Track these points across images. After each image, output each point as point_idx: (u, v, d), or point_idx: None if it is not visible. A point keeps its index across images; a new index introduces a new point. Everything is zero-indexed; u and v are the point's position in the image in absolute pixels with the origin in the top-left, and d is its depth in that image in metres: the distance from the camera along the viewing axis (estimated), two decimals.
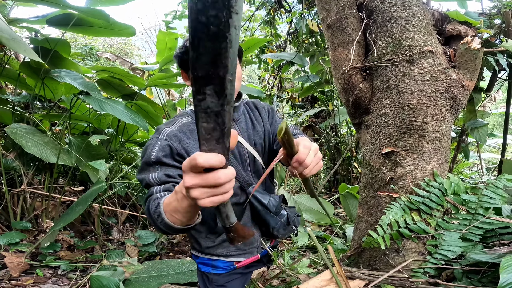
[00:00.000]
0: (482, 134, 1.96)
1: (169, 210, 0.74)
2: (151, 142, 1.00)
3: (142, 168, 0.98)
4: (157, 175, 0.95)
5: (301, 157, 0.72)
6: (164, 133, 1.02)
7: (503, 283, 0.86)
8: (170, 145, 0.99)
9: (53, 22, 2.23)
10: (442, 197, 1.28)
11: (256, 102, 1.28)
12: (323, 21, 1.68)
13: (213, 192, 0.54)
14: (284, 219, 1.16)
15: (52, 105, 2.64)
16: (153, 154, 0.97)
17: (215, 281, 1.14)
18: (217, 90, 0.42)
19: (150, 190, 0.92)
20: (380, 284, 1.22)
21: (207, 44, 0.38)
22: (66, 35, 7.19)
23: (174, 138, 1.01)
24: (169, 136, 1.01)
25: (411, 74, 1.34)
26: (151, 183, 0.94)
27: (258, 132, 1.18)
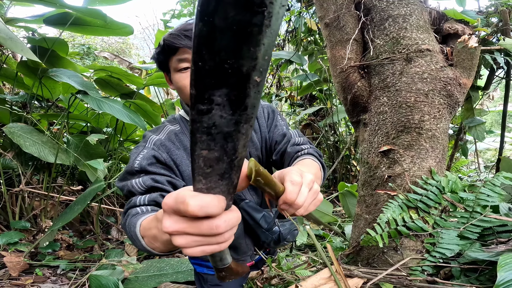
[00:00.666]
0: (480, 132, 1.97)
1: (148, 236, 0.61)
2: (136, 151, 0.89)
3: (124, 177, 0.86)
4: (141, 180, 0.81)
5: (289, 198, 0.51)
6: (151, 141, 0.91)
7: (501, 281, 0.86)
8: (157, 156, 0.87)
9: (50, 22, 2.22)
10: (439, 195, 1.28)
11: None
12: (321, 19, 1.68)
13: (206, 241, 0.41)
14: (275, 236, 1.06)
15: (50, 105, 2.64)
16: (136, 163, 0.84)
17: (210, 280, 1.12)
18: (233, 97, 0.26)
19: (131, 200, 0.78)
20: (378, 282, 1.23)
21: (230, 11, 0.22)
22: (64, 35, 7.16)
23: (162, 148, 0.91)
24: (156, 145, 0.90)
25: (408, 72, 1.35)
26: (134, 189, 0.80)
27: (254, 143, 1.05)
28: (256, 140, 1.06)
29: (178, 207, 0.37)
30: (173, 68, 0.89)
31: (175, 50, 0.87)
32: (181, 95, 0.94)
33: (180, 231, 0.39)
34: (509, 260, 0.92)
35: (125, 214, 0.77)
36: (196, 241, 0.40)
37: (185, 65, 0.87)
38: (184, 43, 0.85)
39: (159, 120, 2.70)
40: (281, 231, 1.07)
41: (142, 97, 2.73)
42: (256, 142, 1.06)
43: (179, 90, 0.91)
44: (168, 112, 3.22)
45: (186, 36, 0.85)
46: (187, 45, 0.85)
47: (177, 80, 0.89)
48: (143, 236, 0.63)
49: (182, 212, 0.37)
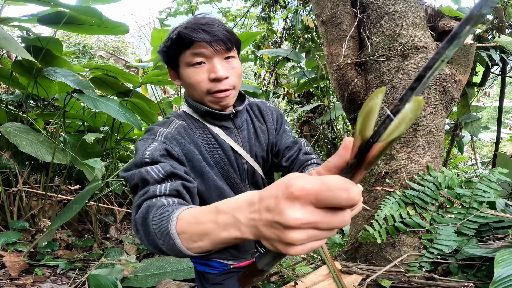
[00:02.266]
0: (476, 128, 1.98)
1: (192, 232, 0.51)
2: (143, 143, 0.81)
3: (130, 169, 0.76)
4: (160, 165, 0.73)
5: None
6: (160, 135, 0.84)
7: (498, 278, 0.86)
8: (169, 149, 0.80)
9: (44, 21, 2.20)
10: (436, 191, 1.29)
11: (260, 105, 1.07)
12: (317, 17, 1.68)
13: (323, 235, 0.37)
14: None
15: (46, 104, 2.63)
16: (147, 153, 0.75)
17: (211, 279, 1.11)
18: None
19: (148, 189, 0.68)
20: (377, 279, 1.24)
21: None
22: (58, 34, 7.10)
23: (174, 142, 0.84)
24: (167, 139, 0.83)
25: (404, 69, 1.35)
26: (150, 176, 0.70)
27: (261, 143, 1.02)
28: (263, 141, 1.04)
29: (330, 195, 0.33)
30: (185, 62, 0.85)
31: (189, 44, 0.82)
32: (191, 91, 0.90)
33: (311, 223, 0.34)
34: (506, 256, 0.92)
35: (139, 206, 0.66)
36: (314, 236, 0.36)
37: (200, 59, 0.83)
38: (202, 36, 0.81)
39: (156, 119, 2.70)
40: None
41: (138, 96, 2.73)
42: (263, 143, 1.03)
43: (190, 85, 0.87)
44: (166, 110, 3.21)
45: (204, 30, 0.81)
46: (205, 39, 0.81)
47: (189, 75, 0.85)
48: (181, 232, 0.53)
49: (334, 201, 0.33)
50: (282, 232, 0.36)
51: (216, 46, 0.82)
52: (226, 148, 0.95)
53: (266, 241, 0.40)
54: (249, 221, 0.41)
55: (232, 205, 0.45)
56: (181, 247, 0.53)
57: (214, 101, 0.88)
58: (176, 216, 0.55)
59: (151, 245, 0.59)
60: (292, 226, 0.34)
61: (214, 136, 0.94)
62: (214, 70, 0.83)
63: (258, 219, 0.40)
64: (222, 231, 0.46)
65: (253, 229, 0.41)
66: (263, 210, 0.39)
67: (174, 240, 0.53)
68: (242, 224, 0.42)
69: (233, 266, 1.09)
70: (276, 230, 0.37)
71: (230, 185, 0.97)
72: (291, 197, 0.34)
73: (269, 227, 0.38)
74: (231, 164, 0.96)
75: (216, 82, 0.84)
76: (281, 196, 0.36)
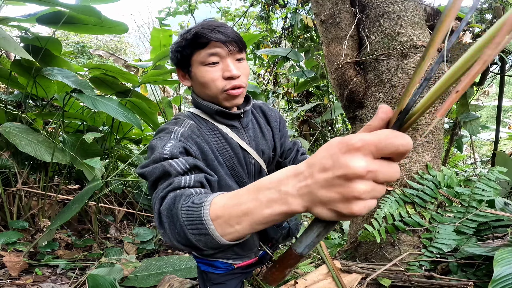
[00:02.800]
0: (475, 126, 1.99)
1: (227, 215, 0.50)
2: (159, 141, 0.81)
3: (148, 164, 0.75)
4: (183, 159, 0.73)
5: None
6: (176, 133, 0.85)
7: (497, 276, 0.86)
8: (187, 148, 0.80)
9: (43, 20, 2.20)
10: (435, 190, 1.29)
11: (264, 108, 1.13)
12: (316, 16, 1.68)
13: (379, 190, 0.38)
14: (285, 232, 1.07)
15: (45, 104, 2.62)
16: (166, 150, 0.75)
17: (214, 279, 1.13)
18: None
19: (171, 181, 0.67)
20: (377, 278, 1.24)
21: None
22: (57, 33, 7.09)
23: (191, 140, 0.86)
24: (184, 137, 0.84)
25: (403, 68, 1.35)
26: (173, 168, 0.69)
27: (267, 142, 1.07)
28: (269, 139, 1.08)
29: (389, 143, 0.35)
30: (199, 62, 0.89)
31: (205, 44, 0.86)
32: (204, 89, 0.92)
33: (373, 172, 0.36)
34: (505, 255, 0.92)
35: (163, 198, 0.64)
36: (374, 190, 0.37)
37: (215, 59, 0.87)
38: (218, 37, 0.85)
39: (156, 118, 2.69)
40: (290, 226, 1.08)
41: (138, 95, 2.72)
42: (269, 141, 1.08)
43: (205, 84, 0.90)
44: (165, 109, 3.21)
45: (219, 32, 0.85)
46: (221, 39, 0.85)
47: (204, 74, 0.89)
48: (215, 218, 0.52)
49: (393, 149, 0.36)
50: (346, 187, 0.37)
51: (230, 46, 0.86)
52: (235, 146, 0.98)
53: (322, 207, 0.40)
54: (301, 188, 0.41)
55: (274, 180, 0.45)
56: (215, 234, 0.51)
57: (227, 98, 0.91)
58: (209, 202, 0.54)
59: (179, 236, 0.57)
60: (358, 174, 0.36)
61: (223, 135, 0.97)
62: (228, 69, 0.87)
63: (313, 182, 0.40)
64: (265, 208, 0.45)
65: (306, 196, 0.41)
66: (318, 172, 0.39)
67: (208, 227, 0.52)
68: (291, 195, 0.42)
69: (237, 266, 1.11)
70: (339, 187, 0.37)
71: (239, 184, 1.00)
72: (352, 149, 0.36)
73: (329, 186, 0.38)
74: (239, 162, 0.99)
75: (230, 79, 0.88)
76: (339, 151, 0.37)
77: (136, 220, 2.77)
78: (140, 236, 2.21)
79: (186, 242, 0.56)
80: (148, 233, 2.26)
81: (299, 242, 0.49)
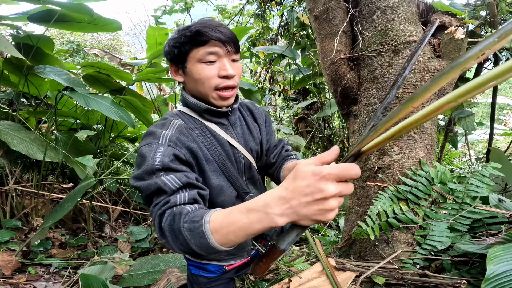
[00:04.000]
0: (470, 123, 1.98)
1: (225, 231, 0.62)
2: (149, 148, 0.83)
3: (141, 177, 0.80)
4: (175, 176, 0.78)
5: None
6: (164, 138, 0.86)
7: (490, 275, 0.85)
8: (176, 154, 0.83)
9: (35, 19, 2.17)
10: (429, 186, 1.29)
11: (250, 106, 1.16)
12: (310, 12, 1.67)
13: (341, 202, 0.54)
14: (278, 228, 1.07)
15: (38, 102, 2.60)
16: (157, 160, 0.79)
17: (203, 283, 1.13)
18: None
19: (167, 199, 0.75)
20: (371, 276, 1.24)
21: None
22: (52, 32, 7.02)
23: (180, 144, 0.87)
24: (172, 142, 0.85)
25: (396, 64, 1.35)
26: (167, 187, 0.76)
27: (254, 138, 1.10)
28: (256, 136, 1.11)
29: (347, 172, 0.52)
30: (197, 59, 0.90)
31: (205, 42, 0.88)
32: (197, 86, 0.94)
33: (339, 192, 0.53)
34: (499, 253, 0.91)
35: (162, 215, 0.73)
36: (339, 202, 0.54)
37: (213, 58, 0.89)
38: (219, 36, 0.87)
39: (150, 116, 2.68)
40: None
41: (132, 93, 2.70)
42: (256, 138, 1.10)
43: (199, 80, 0.91)
44: (161, 108, 3.19)
45: (220, 31, 0.88)
46: (221, 39, 0.87)
47: (200, 71, 0.90)
48: (214, 231, 0.64)
49: (349, 177, 0.52)
50: (324, 204, 0.52)
51: (229, 47, 0.89)
52: (224, 143, 0.99)
53: (304, 219, 0.55)
54: (286, 210, 0.55)
55: (260, 204, 0.58)
56: (215, 245, 0.64)
57: (218, 97, 0.93)
58: (208, 219, 0.65)
59: (181, 246, 0.69)
60: (332, 195, 0.52)
61: (211, 133, 0.98)
62: (224, 68, 0.90)
63: (297, 205, 0.54)
64: (256, 225, 0.58)
65: (290, 215, 0.55)
66: (300, 196, 0.53)
67: (209, 240, 0.63)
68: (277, 215, 0.56)
69: (229, 268, 1.12)
70: (318, 204, 0.53)
71: (230, 180, 1.00)
72: (324, 179, 0.52)
73: (310, 205, 0.53)
74: (229, 158, 1.00)
75: (225, 79, 0.91)
76: (315, 181, 0.52)
77: (131, 219, 2.75)
78: (135, 235, 2.20)
79: (189, 250, 0.68)
80: (143, 232, 2.25)
81: (282, 240, 0.62)
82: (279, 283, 1.31)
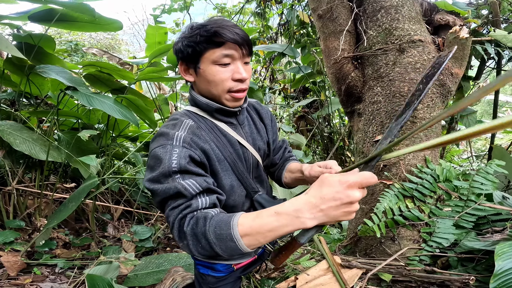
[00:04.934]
0: (471, 120, 1.99)
1: (255, 234, 0.67)
2: (163, 150, 0.82)
3: (158, 179, 0.79)
4: (195, 181, 0.78)
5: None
6: (178, 139, 0.84)
7: (499, 270, 0.86)
8: (192, 155, 0.83)
9: (35, 18, 2.16)
10: (434, 184, 1.29)
11: (256, 105, 1.17)
12: (314, 11, 1.67)
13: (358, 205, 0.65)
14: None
15: (39, 102, 2.59)
16: (174, 163, 0.78)
17: (211, 283, 1.13)
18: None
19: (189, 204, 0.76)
20: (377, 273, 1.24)
21: None
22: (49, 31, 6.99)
23: (194, 145, 0.86)
24: (187, 143, 0.84)
25: (401, 62, 1.35)
26: (187, 192, 0.76)
27: (262, 138, 1.10)
28: (264, 135, 1.11)
29: (368, 181, 0.61)
30: (212, 60, 0.88)
31: (222, 43, 0.87)
32: (210, 87, 0.93)
33: (360, 197, 0.62)
34: (506, 249, 0.92)
35: (182, 219, 0.75)
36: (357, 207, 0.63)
37: (228, 60, 0.88)
38: (235, 38, 0.86)
39: (152, 115, 2.67)
40: None
41: (133, 92, 2.69)
42: (264, 137, 1.11)
43: (213, 82, 0.90)
44: (162, 106, 3.19)
45: (236, 33, 0.86)
46: (238, 41, 0.86)
47: (215, 73, 0.89)
48: (244, 234, 0.68)
49: (369, 184, 0.62)
50: (350, 207, 0.62)
51: (244, 49, 0.89)
52: (234, 142, 0.99)
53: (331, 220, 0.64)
54: (317, 213, 0.63)
55: (290, 209, 0.66)
56: (243, 247, 0.69)
57: (231, 99, 0.94)
58: (236, 223, 0.69)
59: (202, 250, 0.72)
60: (357, 199, 0.61)
61: (222, 132, 0.98)
62: (239, 71, 0.90)
63: (326, 208, 0.63)
64: (286, 227, 0.65)
65: (321, 218, 0.64)
66: (330, 202, 0.62)
67: (238, 243, 0.68)
68: (308, 219, 0.64)
69: (237, 267, 1.13)
70: (346, 208, 0.62)
71: (240, 179, 1.01)
72: (350, 186, 0.61)
73: (339, 208, 0.62)
74: (239, 158, 1.01)
75: (238, 82, 0.91)
76: (343, 189, 0.61)
77: (134, 218, 2.75)
78: (139, 234, 2.20)
79: (210, 253, 0.72)
80: (146, 231, 2.25)
81: (302, 235, 0.69)
82: (285, 280, 1.32)
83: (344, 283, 1.21)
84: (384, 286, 1.23)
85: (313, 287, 1.23)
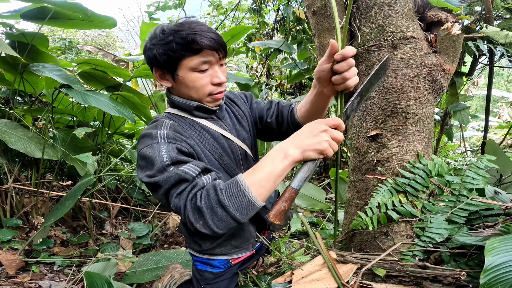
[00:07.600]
0: (465, 116, 2.02)
1: (258, 177, 0.76)
2: (151, 149, 0.84)
3: (154, 175, 0.81)
4: (193, 164, 0.82)
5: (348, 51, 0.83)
6: (161, 137, 0.87)
7: (489, 266, 0.86)
8: (179, 147, 0.85)
9: (28, 16, 2.14)
10: (427, 179, 1.31)
11: (230, 96, 1.18)
12: (308, 8, 1.68)
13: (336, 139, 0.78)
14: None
15: (34, 100, 2.58)
16: (164, 157, 0.81)
17: (208, 279, 1.15)
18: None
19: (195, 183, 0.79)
20: (371, 268, 1.26)
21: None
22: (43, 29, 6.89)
23: (179, 139, 0.88)
24: (170, 138, 0.87)
25: (394, 59, 1.36)
26: (189, 175, 0.80)
27: (244, 127, 1.13)
28: (245, 124, 1.13)
29: (335, 121, 0.78)
30: (190, 67, 0.89)
31: (199, 50, 0.87)
32: (190, 92, 0.94)
33: (328, 130, 0.77)
34: (496, 244, 0.92)
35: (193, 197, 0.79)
36: (330, 139, 0.76)
37: (206, 67, 0.90)
38: (211, 45, 0.87)
39: (148, 112, 2.67)
40: None
41: (129, 89, 2.69)
42: (246, 126, 1.13)
43: (193, 88, 0.93)
44: (158, 103, 3.18)
45: (212, 38, 0.87)
46: (214, 47, 0.88)
47: (194, 80, 0.91)
48: (251, 185, 0.76)
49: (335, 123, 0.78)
50: (320, 136, 0.75)
51: (220, 54, 0.91)
52: (218, 136, 1.01)
53: (308, 150, 0.76)
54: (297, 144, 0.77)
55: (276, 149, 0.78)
56: (254, 199, 0.75)
57: (212, 100, 0.97)
58: (242, 178, 0.77)
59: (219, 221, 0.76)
60: (324, 130, 0.77)
61: (204, 128, 1.00)
62: (217, 75, 0.93)
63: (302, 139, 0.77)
64: (279, 164, 0.76)
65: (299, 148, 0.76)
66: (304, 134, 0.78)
67: (249, 195, 0.75)
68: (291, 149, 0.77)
69: (235, 262, 1.14)
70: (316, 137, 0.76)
71: (228, 173, 1.01)
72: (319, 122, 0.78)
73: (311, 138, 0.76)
74: (225, 151, 1.02)
75: (218, 86, 0.94)
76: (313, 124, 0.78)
77: (131, 215, 2.76)
78: (136, 231, 2.21)
79: (228, 224, 0.77)
80: (144, 228, 2.26)
81: (292, 179, 0.79)
82: (282, 276, 1.34)
83: (339, 278, 1.23)
84: (379, 280, 1.25)
85: (309, 282, 1.25)
